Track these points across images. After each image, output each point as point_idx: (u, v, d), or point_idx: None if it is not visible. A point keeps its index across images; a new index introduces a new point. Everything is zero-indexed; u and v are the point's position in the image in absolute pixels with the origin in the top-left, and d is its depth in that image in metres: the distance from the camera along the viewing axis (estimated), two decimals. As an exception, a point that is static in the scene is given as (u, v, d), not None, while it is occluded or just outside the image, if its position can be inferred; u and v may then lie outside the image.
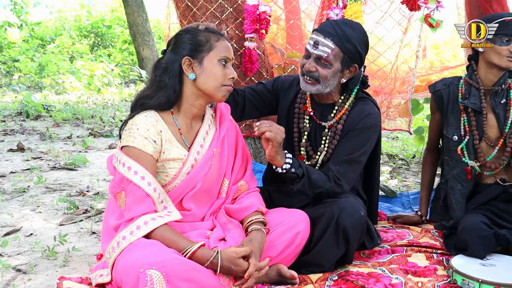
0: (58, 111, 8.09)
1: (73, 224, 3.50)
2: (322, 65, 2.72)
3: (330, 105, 2.90)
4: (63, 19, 15.68)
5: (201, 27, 2.52)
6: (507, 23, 2.86)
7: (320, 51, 2.69)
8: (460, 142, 3.09)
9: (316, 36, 2.72)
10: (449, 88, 3.13)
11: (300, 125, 2.95)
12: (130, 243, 2.24)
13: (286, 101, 3.01)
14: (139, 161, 2.35)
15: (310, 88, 2.77)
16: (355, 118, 2.83)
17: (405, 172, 5.19)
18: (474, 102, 3.01)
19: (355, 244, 2.71)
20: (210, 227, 2.56)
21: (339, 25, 2.74)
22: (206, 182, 2.54)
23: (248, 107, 3.02)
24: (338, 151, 2.81)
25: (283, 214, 2.66)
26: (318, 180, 2.70)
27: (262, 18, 3.47)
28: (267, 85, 3.06)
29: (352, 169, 2.81)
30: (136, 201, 2.31)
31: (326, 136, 2.88)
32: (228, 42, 2.53)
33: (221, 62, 2.45)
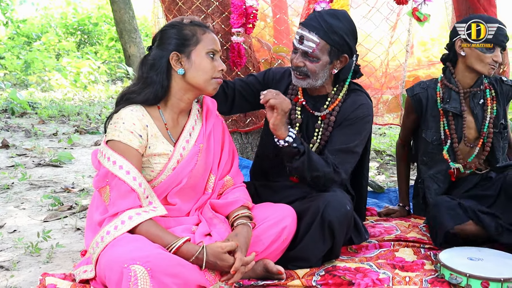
0: (43, 108, 8.03)
1: (58, 221, 3.46)
2: (309, 59, 2.69)
3: (323, 96, 2.88)
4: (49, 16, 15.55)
5: (185, 21, 2.49)
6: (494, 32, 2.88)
7: (305, 46, 2.67)
8: (440, 145, 3.12)
9: (301, 31, 2.69)
10: (427, 91, 3.14)
11: (291, 117, 2.91)
12: (114, 238, 2.20)
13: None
14: (124, 155, 2.31)
15: (301, 83, 2.76)
16: (348, 108, 2.81)
17: (393, 168, 5.18)
18: (454, 106, 3.03)
19: (341, 239, 2.69)
20: (195, 222, 2.52)
21: (323, 17, 2.70)
22: (192, 178, 2.51)
23: (238, 99, 2.99)
24: (332, 141, 2.78)
25: (270, 209, 2.63)
26: (318, 163, 2.66)
27: (249, 12, 3.43)
28: (258, 77, 3.03)
29: (348, 159, 2.78)
30: (121, 196, 2.28)
31: (319, 127, 2.85)
32: (214, 34, 2.49)
33: (209, 55, 2.42)
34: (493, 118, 3.05)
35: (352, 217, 2.75)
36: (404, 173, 3.50)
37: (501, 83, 3.09)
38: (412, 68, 4.77)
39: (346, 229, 2.71)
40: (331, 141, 2.80)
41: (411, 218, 3.48)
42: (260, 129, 3.80)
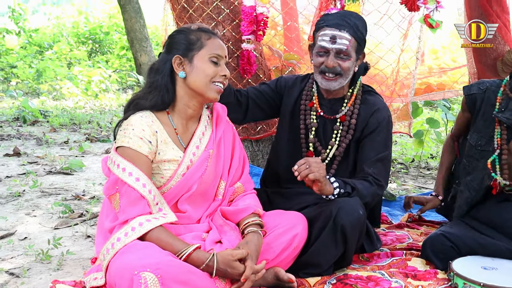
0: (55, 116, 8.06)
1: (68, 228, 3.45)
2: (342, 58, 2.74)
3: (339, 99, 2.91)
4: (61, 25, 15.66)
5: (193, 27, 2.50)
6: None
7: (339, 45, 2.71)
8: (484, 152, 2.93)
9: (330, 31, 2.72)
10: (485, 94, 2.94)
11: (307, 121, 2.94)
12: (125, 245, 2.19)
13: (290, 99, 3.01)
14: (134, 162, 2.31)
15: (332, 84, 2.78)
16: (367, 111, 2.85)
17: (404, 176, 5.15)
18: (508, 117, 2.82)
19: (353, 244, 2.66)
20: (206, 229, 2.51)
21: (345, 16, 2.78)
22: (202, 184, 2.49)
23: (252, 106, 3.01)
24: (366, 153, 2.81)
25: (281, 216, 2.61)
26: (364, 189, 2.69)
27: (259, 19, 3.42)
28: (271, 85, 3.06)
29: (385, 166, 2.82)
30: (131, 203, 2.27)
31: (338, 129, 2.88)
32: (220, 40, 2.49)
33: (211, 60, 2.42)
34: None
35: (364, 222, 2.72)
36: (446, 163, 3.33)
37: None
38: (423, 76, 4.73)
39: (359, 235, 2.68)
40: (364, 153, 2.82)
41: (423, 226, 3.46)
42: (271, 137, 3.78)
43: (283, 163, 2.99)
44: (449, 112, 4.96)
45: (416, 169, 5.41)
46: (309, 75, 3.08)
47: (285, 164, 2.95)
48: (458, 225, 2.90)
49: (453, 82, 4.63)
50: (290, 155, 2.98)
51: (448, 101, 4.93)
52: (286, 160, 2.97)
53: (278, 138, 3.10)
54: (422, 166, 5.58)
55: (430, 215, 3.69)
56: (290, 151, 3.00)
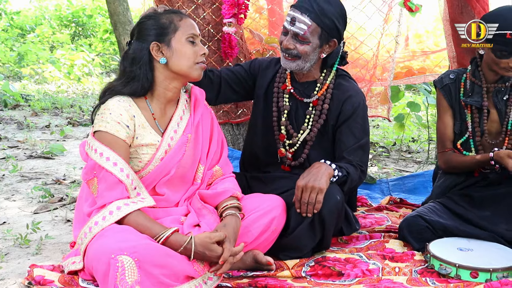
0: (37, 100, 7.97)
1: (48, 212, 3.45)
2: (300, 41, 2.70)
3: (311, 82, 2.88)
4: (43, 8, 15.39)
5: (160, 10, 2.48)
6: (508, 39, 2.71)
7: (297, 28, 2.67)
8: (460, 137, 3.01)
9: (293, 13, 2.69)
10: (456, 82, 3.02)
11: (279, 104, 2.91)
12: (102, 229, 2.20)
13: (264, 81, 2.98)
14: (112, 146, 2.30)
15: (290, 65, 2.75)
16: (340, 96, 2.82)
17: (385, 159, 5.18)
18: (476, 100, 2.92)
19: (331, 229, 2.68)
20: (184, 212, 2.51)
21: (316, 0, 2.70)
22: (180, 168, 2.49)
23: (224, 87, 2.97)
24: (344, 141, 2.79)
25: (259, 199, 2.63)
26: (353, 174, 2.71)
27: (240, 2, 3.41)
28: (244, 66, 3.03)
29: (366, 152, 2.83)
30: (109, 188, 2.27)
31: (310, 114, 2.86)
32: (191, 20, 2.48)
33: (189, 40, 2.41)
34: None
35: (342, 208, 2.74)
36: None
37: None
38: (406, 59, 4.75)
39: (337, 220, 2.70)
40: (342, 141, 2.81)
41: (402, 208, 3.49)
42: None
43: (259, 145, 3.00)
44: (430, 95, 4.97)
45: (397, 152, 5.44)
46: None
47: (261, 146, 2.99)
48: (434, 207, 2.94)
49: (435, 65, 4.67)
50: (264, 138, 2.98)
51: (429, 85, 4.94)
52: (261, 143, 2.99)
53: (253, 120, 3.08)
54: (404, 149, 5.61)
55: (410, 197, 3.74)
56: (264, 134, 2.99)
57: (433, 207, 2.93)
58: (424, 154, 5.44)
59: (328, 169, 2.59)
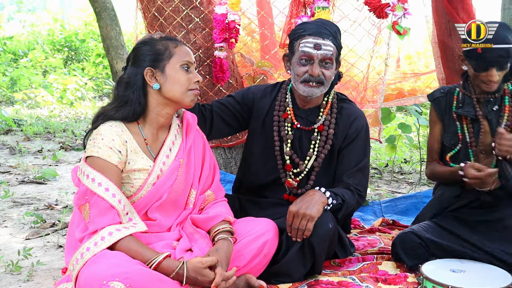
0: (29, 125, 7.97)
1: (40, 238, 3.43)
2: (325, 67, 2.71)
3: (315, 108, 2.88)
4: (36, 33, 15.45)
5: (156, 36, 2.51)
6: (481, 54, 2.74)
7: (324, 51, 2.68)
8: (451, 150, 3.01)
9: (314, 40, 2.69)
10: (447, 96, 3.05)
11: (281, 133, 2.88)
12: (94, 255, 2.18)
13: (260, 111, 2.95)
14: (104, 172, 2.30)
15: (315, 91, 2.74)
16: (344, 120, 2.84)
17: (378, 181, 5.20)
18: (468, 110, 2.93)
19: (322, 256, 2.67)
20: (176, 237, 2.51)
21: (325, 24, 2.77)
22: (172, 193, 2.49)
23: (217, 121, 2.94)
24: (345, 162, 2.80)
25: (251, 223, 2.62)
26: (350, 200, 2.71)
27: (231, 27, 3.44)
28: (237, 97, 2.98)
29: (365, 176, 2.84)
30: (101, 213, 2.26)
31: (315, 140, 2.85)
32: (186, 47, 2.50)
33: (183, 67, 2.42)
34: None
35: (335, 235, 2.73)
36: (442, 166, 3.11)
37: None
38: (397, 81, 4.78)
39: (328, 247, 2.70)
40: (343, 162, 2.81)
41: (395, 230, 3.49)
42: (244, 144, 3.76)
43: (257, 174, 2.97)
44: (421, 116, 5.01)
45: (389, 174, 5.46)
46: (279, 84, 3.02)
47: (260, 175, 2.96)
48: (428, 225, 2.95)
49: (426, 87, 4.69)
50: (265, 169, 2.94)
51: (420, 106, 4.98)
52: (260, 172, 2.96)
53: (250, 151, 3.02)
54: (396, 171, 5.63)
55: (403, 219, 3.74)
56: (263, 163, 2.94)
57: (426, 225, 2.94)
58: (416, 175, 5.46)
59: (321, 198, 2.59)
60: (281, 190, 2.95)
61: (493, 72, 2.75)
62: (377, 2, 3.32)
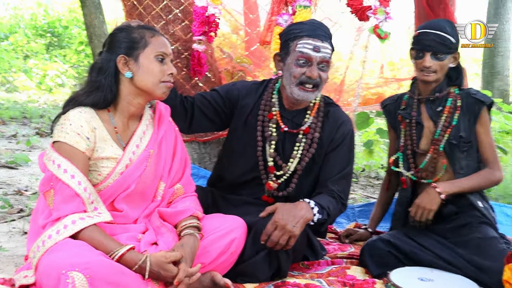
0: (6, 109, 7.85)
1: (6, 224, 3.35)
2: (322, 69, 2.66)
3: (301, 110, 2.82)
4: (18, 16, 15.27)
5: (134, 24, 2.45)
6: (418, 37, 2.89)
7: (323, 53, 2.64)
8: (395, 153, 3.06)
9: (313, 42, 2.64)
10: (396, 102, 3.08)
11: (265, 134, 2.81)
12: (56, 243, 2.13)
13: (244, 109, 2.88)
14: (70, 158, 2.25)
15: (310, 96, 2.70)
16: (331, 125, 2.79)
17: (353, 185, 5.15)
18: (407, 111, 2.97)
19: (287, 263, 2.64)
20: (142, 230, 2.45)
21: (321, 25, 2.74)
22: (140, 184, 2.44)
23: (198, 115, 2.86)
24: (329, 169, 2.76)
25: (220, 220, 2.58)
26: (333, 210, 2.68)
27: (211, 20, 3.37)
28: (221, 92, 2.91)
29: (348, 182, 2.80)
30: (65, 200, 2.21)
31: (300, 142, 2.78)
32: (164, 38, 2.44)
33: (157, 58, 2.37)
34: (452, 128, 2.90)
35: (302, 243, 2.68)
36: (382, 200, 3.35)
37: (469, 95, 2.93)
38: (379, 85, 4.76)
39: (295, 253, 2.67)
40: (327, 167, 2.77)
41: (368, 236, 3.47)
42: (219, 139, 3.73)
43: (236, 175, 2.91)
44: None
45: (366, 179, 5.44)
46: (265, 82, 2.96)
47: (239, 174, 2.90)
48: (397, 233, 2.93)
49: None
50: (244, 168, 2.88)
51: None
52: (240, 173, 2.90)
53: (230, 148, 2.95)
54: (372, 176, 5.62)
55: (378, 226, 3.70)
56: (243, 164, 2.88)
57: (395, 233, 2.92)
58: (392, 181, 5.42)
59: (308, 214, 2.54)
60: (258, 190, 2.89)
61: (427, 58, 2.83)
62: (359, 4, 3.30)
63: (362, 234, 3.32)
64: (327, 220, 2.66)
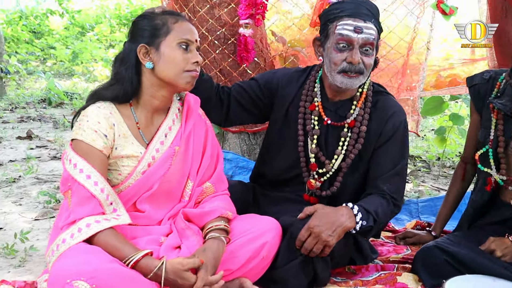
0: (81, 99, 7.95)
1: (47, 220, 3.27)
2: (365, 53, 2.36)
3: (346, 101, 2.54)
4: (104, 7, 15.58)
5: (157, 10, 2.25)
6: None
7: (366, 34, 2.33)
8: (482, 146, 2.61)
9: (354, 22, 2.33)
10: (489, 83, 2.61)
11: (307, 127, 2.56)
12: (69, 247, 1.99)
13: (284, 100, 2.63)
14: (87, 157, 2.10)
15: (354, 82, 2.40)
16: (380, 115, 2.50)
17: (425, 175, 4.77)
18: (504, 103, 2.49)
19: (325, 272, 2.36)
20: (166, 232, 2.27)
21: (365, 3, 2.40)
22: (165, 183, 2.25)
23: (235, 106, 2.65)
24: (381, 166, 2.47)
25: (252, 221, 2.35)
26: (383, 215, 2.39)
27: (258, 2, 3.14)
28: (260, 81, 2.66)
29: (402, 179, 2.50)
30: (80, 202, 2.06)
31: (345, 136, 2.51)
32: (189, 23, 2.23)
33: (181, 46, 2.16)
34: None
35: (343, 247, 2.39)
36: (451, 197, 2.91)
37: None
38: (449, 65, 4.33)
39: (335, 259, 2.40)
40: (377, 164, 2.48)
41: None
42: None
43: (277, 171, 2.67)
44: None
45: (439, 168, 5.01)
46: (308, 69, 2.68)
47: (280, 172, 2.67)
48: (458, 237, 2.57)
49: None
50: (285, 164, 2.64)
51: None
52: (281, 169, 2.66)
53: (270, 141, 2.72)
54: (447, 165, 5.17)
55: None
56: (285, 159, 2.64)
57: (457, 237, 2.56)
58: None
59: (348, 222, 2.26)
60: (301, 188, 2.64)
61: None
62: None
63: (421, 237, 2.93)
64: (374, 227, 2.36)
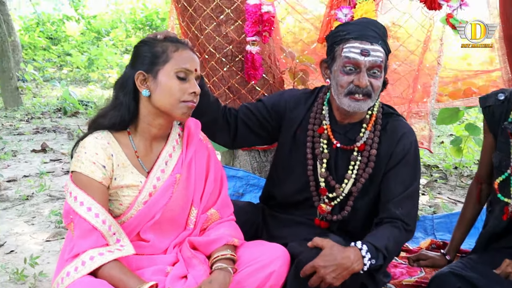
0: (96, 107, 7.96)
1: (58, 241, 3.26)
2: (373, 76, 2.30)
3: (356, 124, 2.48)
4: (120, 12, 15.66)
5: (159, 37, 2.21)
6: None
7: (374, 57, 2.27)
8: (500, 174, 2.46)
9: (360, 45, 2.28)
10: (503, 105, 2.47)
11: (315, 151, 2.50)
12: (73, 281, 1.96)
13: (292, 122, 2.57)
14: (87, 189, 2.07)
15: (362, 106, 2.33)
16: (389, 138, 2.44)
17: (441, 186, 4.69)
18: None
19: None
20: (172, 261, 2.23)
21: (372, 24, 2.35)
22: (168, 212, 2.22)
23: (242, 129, 2.61)
24: (392, 189, 2.40)
25: (259, 249, 2.29)
26: (394, 248, 2.30)
27: (265, 19, 3.08)
28: (267, 103, 2.62)
29: (414, 203, 2.43)
30: (83, 235, 2.04)
31: (355, 160, 2.45)
32: (191, 52, 2.19)
33: (178, 76, 2.12)
34: None
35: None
36: (466, 219, 2.77)
37: None
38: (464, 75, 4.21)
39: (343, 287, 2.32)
40: (389, 188, 2.41)
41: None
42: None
43: (287, 193, 2.62)
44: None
45: (456, 177, 4.91)
46: (316, 91, 2.63)
47: (290, 195, 2.61)
48: (475, 261, 2.45)
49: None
50: (295, 187, 2.58)
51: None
52: (290, 192, 2.60)
53: (278, 166, 2.66)
54: (465, 174, 5.07)
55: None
56: (294, 182, 2.58)
57: (473, 261, 2.43)
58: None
59: (355, 265, 2.15)
60: (311, 212, 2.58)
61: None
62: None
63: (435, 260, 2.77)
64: (383, 266, 2.29)
